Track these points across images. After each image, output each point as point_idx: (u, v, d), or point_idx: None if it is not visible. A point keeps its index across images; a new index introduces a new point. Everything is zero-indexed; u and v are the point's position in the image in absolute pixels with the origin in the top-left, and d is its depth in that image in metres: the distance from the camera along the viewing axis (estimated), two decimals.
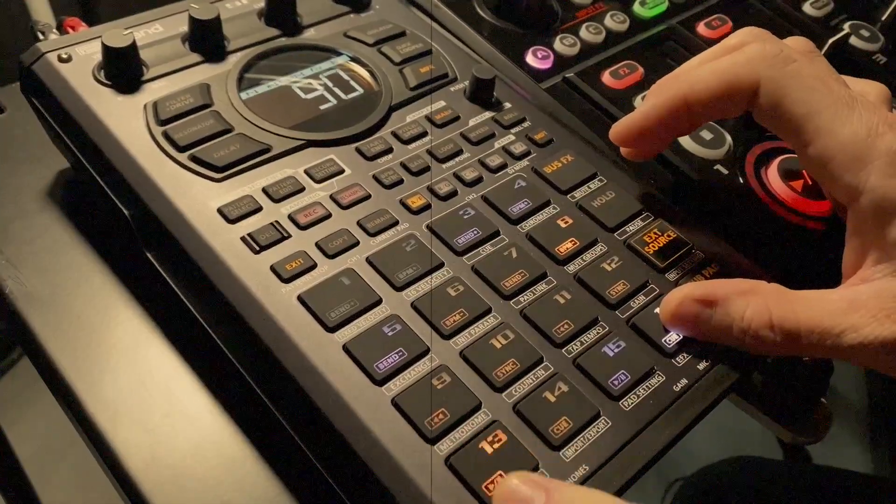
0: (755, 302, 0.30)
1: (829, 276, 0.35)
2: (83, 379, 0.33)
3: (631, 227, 0.35)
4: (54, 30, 0.41)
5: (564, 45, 0.45)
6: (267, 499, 0.31)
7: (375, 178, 0.35)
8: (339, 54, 0.40)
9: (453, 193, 0.35)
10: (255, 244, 0.31)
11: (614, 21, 0.48)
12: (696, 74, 0.33)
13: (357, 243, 0.32)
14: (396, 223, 0.33)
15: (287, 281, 0.30)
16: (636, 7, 0.49)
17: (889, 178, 0.29)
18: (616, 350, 0.30)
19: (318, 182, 0.34)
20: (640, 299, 0.33)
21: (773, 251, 0.37)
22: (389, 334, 0.29)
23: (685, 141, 0.41)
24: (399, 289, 0.31)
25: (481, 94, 0.39)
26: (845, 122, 0.30)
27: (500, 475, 0.26)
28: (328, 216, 0.33)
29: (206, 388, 0.34)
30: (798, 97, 0.31)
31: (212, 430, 0.33)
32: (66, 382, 0.33)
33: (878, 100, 0.35)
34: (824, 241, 0.38)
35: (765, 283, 0.31)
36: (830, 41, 0.46)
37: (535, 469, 0.27)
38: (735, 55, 0.32)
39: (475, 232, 0.33)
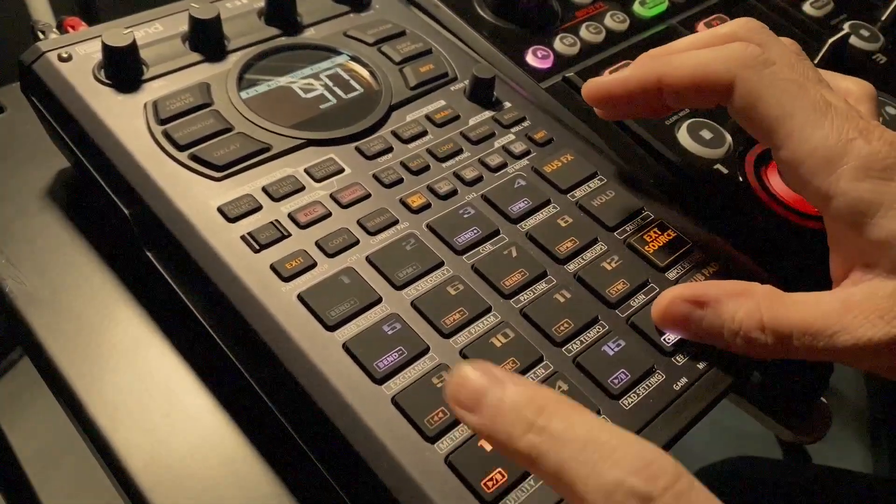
0: (746, 303, 0.30)
1: (829, 276, 0.35)
2: (83, 379, 0.33)
3: (631, 227, 0.35)
4: (54, 29, 0.41)
5: (564, 44, 0.45)
6: (267, 498, 0.31)
7: (375, 177, 0.35)
8: (339, 54, 0.40)
9: (453, 192, 0.35)
10: (255, 243, 0.31)
11: (614, 21, 0.48)
12: (675, 60, 0.33)
13: (357, 242, 0.32)
14: (396, 222, 0.33)
15: (287, 280, 0.30)
16: (636, 7, 0.49)
17: (858, 181, 0.29)
18: (616, 349, 0.30)
19: (318, 181, 0.34)
20: (640, 298, 0.33)
21: (773, 251, 0.37)
22: (389, 333, 0.29)
23: (685, 141, 0.41)
24: (399, 288, 0.31)
25: (481, 93, 0.39)
26: (816, 127, 0.30)
27: (500, 473, 0.26)
28: (328, 215, 0.33)
29: (206, 387, 0.34)
30: (771, 100, 0.31)
31: (212, 430, 0.33)
32: (66, 382, 0.33)
33: (860, 99, 0.34)
34: (824, 241, 0.38)
35: (757, 284, 0.31)
36: (830, 41, 0.46)
37: None
38: (716, 50, 0.32)
39: (475, 231, 0.33)
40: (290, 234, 0.32)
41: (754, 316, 0.30)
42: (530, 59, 0.44)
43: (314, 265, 0.31)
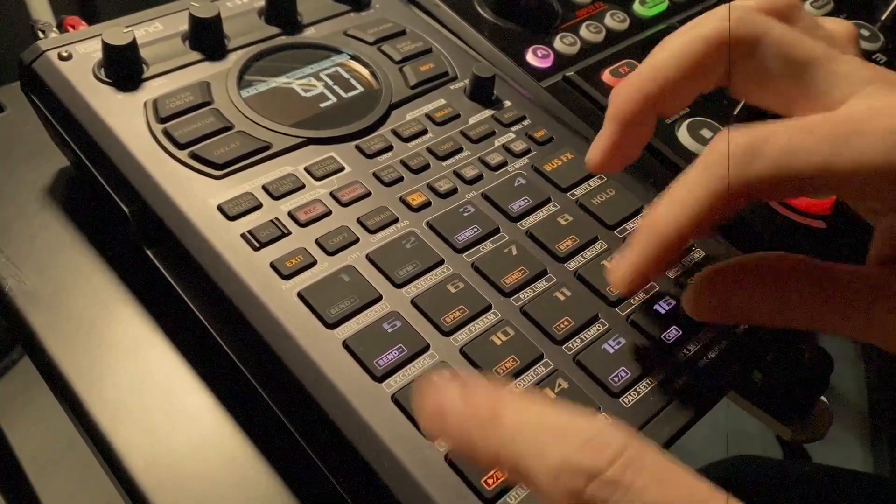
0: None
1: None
2: (83, 378, 0.33)
3: (631, 225, 0.35)
4: (54, 28, 0.41)
5: (564, 43, 0.45)
6: (267, 498, 0.31)
7: (375, 175, 0.35)
8: (340, 53, 0.40)
9: (453, 191, 0.35)
10: (256, 241, 0.31)
11: (614, 20, 0.48)
12: (653, 55, 0.29)
13: (357, 240, 0.32)
14: (396, 220, 0.33)
15: (287, 278, 0.30)
16: (636, 6, 0.49)
17: None
18: (616, 347, 0.30)
19: (318, 179, 0.34)
20: (640, 296, 0.33)
21: (773, 250, 0.37)
22: (389, 331, 0.29)
23: (685, 140, 0.41)
24: (399, 286, 0.31)
25: (481, 92, 0.39)
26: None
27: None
28: (328, 213, 0.33)
29: (207, 387, 0.34)
30: (781, 43, 0.27)
31: (212, 429, 0.32)
32: (67, 382, 0.33)
33: (847, 41, 0.31)
34: (825, 240, 0.38)
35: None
36: None
37: None
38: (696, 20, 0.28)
39: (475, 229, 0.33)
40: (290, 233, 0.32)
41: None
42: (530, 58, 0.44)
43: (314, 263, 0.31)
